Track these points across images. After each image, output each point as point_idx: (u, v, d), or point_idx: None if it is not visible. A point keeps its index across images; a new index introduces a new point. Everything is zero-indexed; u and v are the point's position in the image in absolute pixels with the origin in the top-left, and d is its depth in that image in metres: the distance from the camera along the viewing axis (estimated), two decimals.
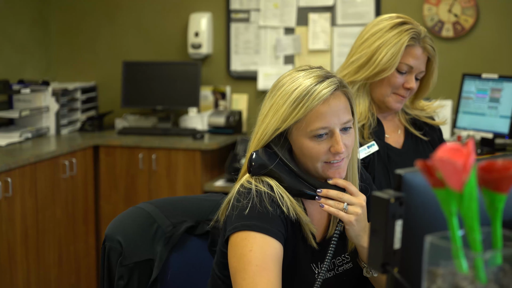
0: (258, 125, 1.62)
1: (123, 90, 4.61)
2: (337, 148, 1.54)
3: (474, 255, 0.83)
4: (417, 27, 2.15)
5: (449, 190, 0.83)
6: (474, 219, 0.83)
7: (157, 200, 1.90)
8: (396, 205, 1.02)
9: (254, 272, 1.46)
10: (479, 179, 0.88)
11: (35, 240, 3.70)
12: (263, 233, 1.51)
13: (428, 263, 0.86)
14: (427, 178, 0.85)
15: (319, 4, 4.41)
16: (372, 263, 1.03)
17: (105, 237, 1.79)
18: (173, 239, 1.82)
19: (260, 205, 1.53)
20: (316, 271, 1.62)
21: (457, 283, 0.83)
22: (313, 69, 1.62)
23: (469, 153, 0.81)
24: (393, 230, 1.02)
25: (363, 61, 2.15)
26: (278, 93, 1.58)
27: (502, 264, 0.87)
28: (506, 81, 3.71)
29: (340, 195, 1.55)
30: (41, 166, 3.73)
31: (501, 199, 0.88)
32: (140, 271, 1.76)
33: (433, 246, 0.85)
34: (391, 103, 2.17)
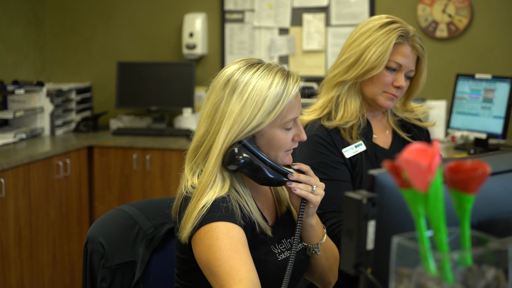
0: (225, 124, 1.60)
1: (118, 91, 4.62)
2: (302, 137, 1.69)
3: (440, 256, 0.83)
4: (405, 26, 2.16)
5: (415, 191, 0.83)
6: (440, 219, 0.83)
7: (138, 202, 1.90)
8: (369, 206, 1.01)
9: (227, 256, 1.51)
10: (447, 179, 0.88)
11: (29, 240, 3.70)
12: (224, 221, 1.56)
13: (395, 264, 0.86)
14: (394, 179, 0.85)
15: (313, 5, 4.41)
16: (345, 263, 1.03)
17: (87, 240, 1.78)
18: (155, 240, 1.82)
19: (216, 203, 1.58)
20: (276, 251, 1.68)
21: (423, 283, 0.83)
22: (263, 62, 1.68)
23: (434, 154, 0.81)
24: (366, 230, 1.02)
25: (352, 60, 2.16)
26: (249, 91, 1.61)
27: (471, 265, 0.87)
28: (499, 82, 3.71)
29: (308, 178, 1.67)
30: (34, 166, 3.74)
31: (469, 200, 0.88)
32: (122, 273, 1.76)
33: (400, 246, 0.85)
34: (382, 101, 2.17)
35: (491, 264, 0.86)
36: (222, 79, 1.66)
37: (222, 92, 1.64)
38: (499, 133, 3.67)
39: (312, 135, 2.16)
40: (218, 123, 1.62)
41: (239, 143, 1.63)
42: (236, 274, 1.48)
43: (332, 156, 2.12)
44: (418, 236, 0.85)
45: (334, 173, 2.10)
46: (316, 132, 2.16)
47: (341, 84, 2.18)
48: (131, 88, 4.61)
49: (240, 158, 1.61)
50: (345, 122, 2.17)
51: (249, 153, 1.63)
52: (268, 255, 1.66)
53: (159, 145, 4.14)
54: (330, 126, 2.16)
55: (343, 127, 2.17)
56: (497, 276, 0.85)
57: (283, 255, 1.68)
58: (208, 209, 1.57)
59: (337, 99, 2.20)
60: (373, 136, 2.23)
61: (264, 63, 1.68)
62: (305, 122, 2.24)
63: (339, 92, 2.19)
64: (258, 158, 1.65)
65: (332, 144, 2.14)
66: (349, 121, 2.17)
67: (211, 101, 1.66)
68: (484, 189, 1.14)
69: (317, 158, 2.12)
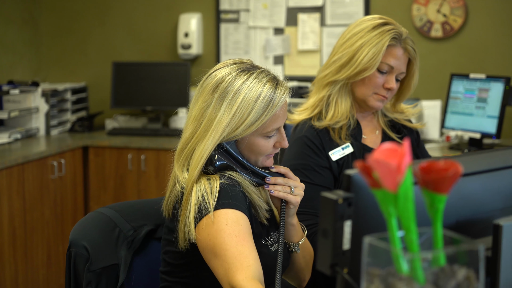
0: (212, 132, 1.65)
1: (113, 91, 4.62)
2: (284, 144, 1.73)
3: (410, 256, 0.83)
4: (398, 28, 2.16)
5: (385, 191, 0.83)
6: (410, 219, 0.83)
7: (116, 205, 1.91)
8: (345, 206, 1.02)
9: (236, 242, 1.54)
10: (419, 179, 0.88)
11: (23, 240, 3.70)
12: (233, 208, 1.60)
13: (367, 264, 0.86)
14: (365, 179, 0.85)
15: (308, 5, 4.41)
16: (321, 264, 1.03)
17: (70, 243, 1.78)
18: (135, 243, 1.83)
19: (225, 190, 1.63)
20: (267, 243, 1.74)
21: (393, 283, 0.83)
22: (254, 69, 1.71)
23: (403, 154, 0.81)
24: (342, 230, 1.02)
25: (344, 60, 2.15)
26: (238, 100, 1.65)
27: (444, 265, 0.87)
28: (493, 81, 3.71)
29: (285, 181, 1.73)
30: (28, 166, 3.74)
31: (441, 200, 0.88)
32: (107, 276, 1.76)
33: (372, 246, 0.85)
34: (372, 102, 2.17)
35: (463, 264, 0.86)
36: (212, 83, 1.68)
37: (210, 97, 1.67)
38: (493, 133, 3.67)
39: (301, 136, 2.16)
40: (204, 128, 1.67)
41: (220, 147, 1.68)
42: (244, 259, 1.52)
43: (316, 160, 2.13)
44: (390, 236, 0.85)
45: (315, 176, 2.11)
46: (305, 133, 2.16)
47: (332, 83, 2.18)
48: (126, 88, 4.61)
49: (216, 162, 1.67)
50: (335, 122, 2.17)
51: (228, 157, 1.69)
52: (262, 246, 1.71)
53: (154, 145, 4.15)
54: (320, 127, 2.17)
55: (333, 127, 2.17)
56: (468, 276, 0.85)
57: (273, 247, 1.74)
58: (218, 195, 1.61)
59: (328, 99, 2.20)
60: (363, 137, 2.23)
61: (255, 70, 1.70)
62: (296, 122, 2.24)
63: (330, 92, 2.19)
64: (237, 162, 1.70)
65: (320, 146, 2.14)
66: (339, 121, 2.17)
67: (199, 104, 1.69)
68: (463, 189, 1.14)
69: (301, 160, 2.13)
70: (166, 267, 1.74)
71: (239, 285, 1.48)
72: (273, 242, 1.75)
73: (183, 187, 1.67)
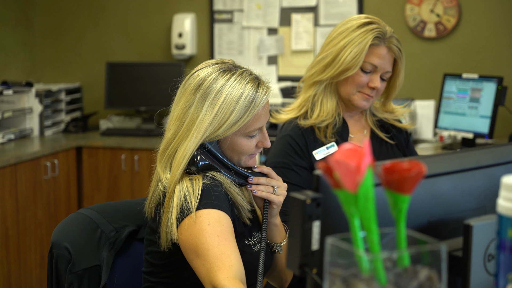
0: (194, 132, 1.65)
1: (107, 91, 4.62)
2: (266, 144, 1.74)
3: (371, 257, 0.83)
4: (383, 27, 2.15)
5: (345, 191, 0.83)
6: (371, 220, 0.83)
7: (97, 205, 1.91)
8: (313, 206, 1.01)
9: (218, 242, 1.55)
10: (382, 180, 0.88)
11: (16, 241, 3.70)
12: (216, 208, 1.60)
13: (329, 264, 0.86)
14: (327, 179, 0.85)
15: (302, 5, 4.41)
16: (290, 264, 1.03)
17: (52, 245, 1.78)
18: (117, 244, 1.82)
19: (207, 190, 1.63)
20: (250, 243, 1.73)
21: (354, 284, 0.83)
22: (236, 69, 1.71)
23: (363, 154, 0.81)
24: (311, 231, 1.02)
25: (329, 60, 2.16)
26: (220, 100, 1.65)
27: (408, 265, 0.87)
28: (486, 81, 3.71)
29: (268, 180, 1.73)
30: (21, 167, 3.74)
31: (404, 200, 0.87)
32: (89, 277, 1.76)
33: (334, 247, 0.85)
34: (356, 101, 2.17)
35: (426, 265, 0.86)
36: (193, 83, 1.69)
37: (192, 97, 1.68)
38: (485, 133, 3.67)
39: (285, 134, 2.17)
40: (186, 128, 1.67)
41: (203, 147, 1.68)
42: (226, 259, 1.52)
43: (296, 160, 2.13)
44: (352, 236, 0.85)
45: (292, 176, 2.12)
46: (290, 132, 2.16)
47: (318, 83, 2.19)
48: (120, 88, 4.62)
49: (198, 162, 1.67)
50: (320, 121, 2.17)
51: (210, 157, 1.69)
52: (245, 246, 1.71)
53: (147, 145, 4.14)
54: (306, 125, 2.17)
55: (319, 126, 2.17)
56: (430, 276, 0.85)
57: (256, 248, 1.74)
58: (200, 195, 1.61)
59: (313, 98, 2.20)
60: (350, 136, 2.22)
61: (237, 70, 1.71)
62: (282, 121, 2.24)
63: (316, 91, 2.20)
64: (219, 162, 1.70)
65: (303, 146, 2.14)
66: (325, 120, 2.17)
67: (181, 104, 1.70)
68: (435, 189, 1.14)
69: (282, 158, 2.14)
70: (149, 267, 1.74)
71: (221, 284, 1.48)
72: (256, 242, 1.75)
73: (165, 187, 1.67)
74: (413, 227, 1.11)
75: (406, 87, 4.26)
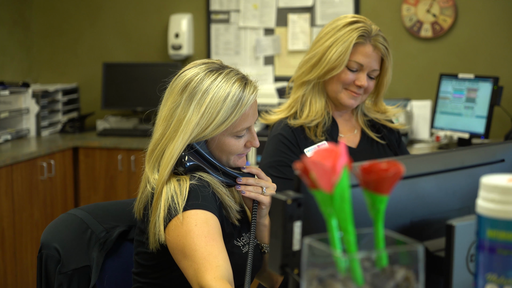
0: (181, 132, 1.65)
1: (103, 92, 4.62)
2: (255, 143, 1.73)
3: (346, 257, 0.83)
4: (368, 26, 2.15)
5: (322, 192, 0.83)
6: (347, 220, 0.83)
7: (87, 206, 1.91)
8: (294, 207, 1.01)
9: (205, 242, 1.54)
10: (360, 180, 0.88)
11: (12, 241, 3.70)
12: (203, 209, 1.60)
13: (306, 265, 0.85)
14: (304, 180, 0.85)
15: (298, 5, 4.41)
16: (272, 264, 1.03)
17: (41, 245, 1.78)
18: (107, 244, 1.82)
19: (195, 191, 1.63)
20: (239, 244, 1.73)
21: (330, 284, 0.83)
22: (223, 68, 1.71)
23: (339, 155, 0.81)
24: (292, 231, 1.02)
25: (315, 60, 2.17)
26: (207, 100, 1.65)
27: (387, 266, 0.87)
28: (481, 81, 3.70)
29: (257, 181, 1.73)
30: (17, 167, 3.74)
31: (382, 201, 0.87)
32: (78, 278, 1.76)
33: (311, 248, 0.85)
34: (344, 99, 2.18)
35: (404, 265, 0.86)
36: (180, 84, 1.70)
37: (179, 98, 1.68)
38: (481, 133, 3.67)
39: (276, 134, 2.18)
40: (173, 129, 1.68)
41: (190, 148, 1.67)
42: (213, 260, 1.52)
43: (292, 156, 2.13)
44: (329, 237, 0.85)
45: (289, 172, 2.12)
46: (281, 131, 2.17)
47: (306, 83, 2.20)
48: (117, 89, 4.61)
49: (186, 162, 1.66)
50: (310, 121, 2.18)
51: (198, 157, 1.69)
52: (234, 247, 1.71)
53: (143, 145, 4.09)
54: (295, 125, 2.18)
55: (308, 125, 2.18)
56: (407, 277, 0.85)
57: (245, 248, 1.74)
58: (187, 196, 1.61)
59: (302, 98, 2.21)
60: (339, 135, 2.23)
61: (224, 70, 1.71)
62: (273, 122, 2.25)
63: (304, 92, 2.21)
64: (207, 162, 1.70)
65: (295, 143, 2.15)
66: (314, 119, 2.18)
67: (168, 104, 1.70)
68: (418, 189, 1.14)
69: (277, 157, 2.14)
70: (138, 268, 1.74)
71: (208, 285, 1.48)
72: (245, 243, 1.75)
73: (153, 188, 1.67)
74: (395, 227, 1.11)
75: (403, 87, 4.26)
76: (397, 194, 1.12)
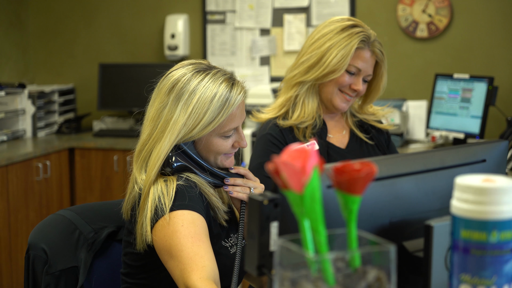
0: (168, 133, 1.65)
1: (99, 93, 4.62)
2: (242, 144, 1.73)
3: (317, 258, 0.83)
4: (367, 31, 2.17)
5: (292, 192, 0.83)
6: (318, 221, 0.83)
7: (76, 207, 1.91)
8: (271, 207, 1.01)
9: (192, 243, 1.54)
10: (333, 181, 0.88)
11: (7, 242, 3.70)
12: (189, 209, 1.60)
13: (279, 266, 0.85)
14: (276, 180, 0.85)
15: (294, 5, 4.41)
16: (249, 265, 1.03)
17: (29, 246, 1.78)
18: (95, 245, 1.82)
19: (181, 192, 1.63)
20: (227, 245, 1.73)
21: (301, 285, 0.83)
22: (211, 69, 1.71)
23: (309, 156, 0.80)
24: (269, 232, 1.02)
25: (313, 61, 2.16)
26: (194, 100, 1.65)
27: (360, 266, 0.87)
28: (476, 81, 3.70)
29: (245, 181, 1.73)
30: (13, 168, 3.74)
31: (355, 201, 0.87)
32: (66, 278, 1.76)
33: (283, 248, 0.85)
34: (337, 102, 2.18)
35: (376, 265, 0.86)
36: (168, 84, 1.70)
37: (166, 98, 1.68)
38: (476, 133, 3.66)
39: (265, 134, 2.18)
40: (161, 129, 1.67)
41: (178, 148, 1.67)
42: (199, 260, 1.52)
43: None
44: (301, 237, 0.85)
45: None
46: (269, 131, 2.17)
47: (300, 84, 2.20)
48: (113, 89, 4.62)
49: (173, 163, 1.66)
50: (300, 122, 2.18)
51: (186, 158, 1.68)
52: (221, 248, 1.71)
53: None
54: (284, 125, 2.18)
55: (298, 126, 2.18)
56: (379, 277, 0.85)
57: (233, 249, 1.74)
58: (174, 197, 1.61)
59: (295, 99, 2.21)
60: (328, 136, 2.23)
61: (211, 71, 1.71)
62: (263, 120, 2.25)
63: (298, 92, 2.20)
64: (195, 163, 1.69)
65: (283, 143, 2.15)
66: (305, 121, 2.18)
67: (155, 105, 1.71)
68: (397, 190, 1.14)
69: (267, 157, 2.14)
70: (126, 268, 1.74)
71: (193, 285, 1.48)
72: (233, 244, 1.75)
73: (141, 188, 1.67)
74: (374, 227, 1.11)
75: (398, 88, 4.26)
76: (376, 194, 1.12)
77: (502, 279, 0.90)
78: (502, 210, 0.90)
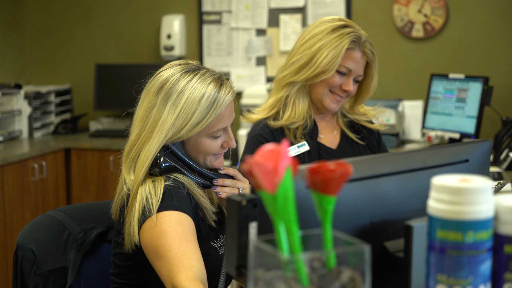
0: (157, 134, 1.65)
1: (96, 93, 4.62)
2: (232, 144, 1.74)
3: (290, 258, 0.83)
4: (358, 31, 2.17)
5: (265, 193, 0.83)
6: (291, 221, 0.83)
7: (66, 207, 1.91)
8: (249, 207, 1.01)
9: (179, 243, 1.54)
10: (308, 181, 0.88)
11: (3, 243, 3.70)
12: (177, 210, 1.60)
13: (253, 266, 0.85)
14: (250, 180, 0.85)
15: (290, 6, 4.41)
16: (228, 265, 1.03)
17: (17, 246, 1.78)
18: (85, 245, 1.82)
19: (169, 192, 1.63)
20: (216, 245, 1.73)
21: (275, 285, 0.83)
22: (199, 69, 1.71)
23: (281, 156, 0.80)
24: (247, 232, 1.02)
25: (303, 62, 2.16)
26: (182, 100, 1.65)
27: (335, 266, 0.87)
28: (472, 81, 3.70)
29: (234, 182, 1.75)
30: (8, 169, 3.74)
31: (330, 201, 0.87)
32: (54, 279, 1.76)
33: (258, 249, 0.85)
34: (327, 103, 2.18)
35: (351, 266, 0.86)
36: (156, 84, 1.70)
37: (155, 98, 1.68)
38: (472, 133, 3.66)
39: (255, 134, 2.18)
40: (149, 130, 1.67)
41: (166, 149, 1.67)
42: (186, 260, 1.52)
43: None
44: (276, 238, 0.85)
45: None
46: (259, 131, 2.17)
47: (291, 84, 2.20)
48: (110, 90, 4.62)
49: (161, 163, 1.66)
50: (291, 123, 2.18)
51: (174, 158, 1.68)
52: (210, 249, 1.71)
53: None
54: (275, 126, 2.18)
55: (288, 127, 2.18)
56: (353, 277, 0.85)
57: (222, 250, 1.74)
58: (161, 197, 1.61)
59: (285, 99, 2.21)
60: (319, 136, 2.23)
61: (199, 71, 1.71)
62: (254, 121, 2.25)
63: (288, 93, 2.20)
64: (183, 163, 1.70)
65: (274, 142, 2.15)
66: (296, 122, 2.18)
67: (144, 105, 1.71)
68: (378, 190, 1.14)
69: None
70: (115, 269, 1.74)
71: (181, 285, 1.49)
72: (222, 244, 1.75)
73: (129, 189, 1.67)
74: (355, 228, 1.11)
75: (394, 88, 4.26)
76: (357, 194, 1.12)
77: (478, 279, 0.90)
78: (478, 210, 0.89)
